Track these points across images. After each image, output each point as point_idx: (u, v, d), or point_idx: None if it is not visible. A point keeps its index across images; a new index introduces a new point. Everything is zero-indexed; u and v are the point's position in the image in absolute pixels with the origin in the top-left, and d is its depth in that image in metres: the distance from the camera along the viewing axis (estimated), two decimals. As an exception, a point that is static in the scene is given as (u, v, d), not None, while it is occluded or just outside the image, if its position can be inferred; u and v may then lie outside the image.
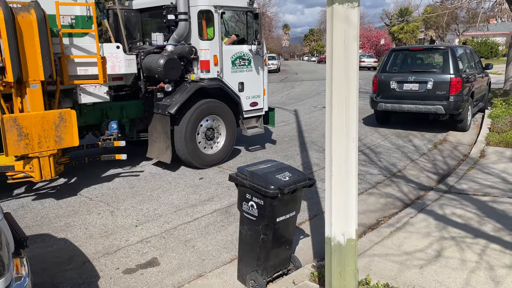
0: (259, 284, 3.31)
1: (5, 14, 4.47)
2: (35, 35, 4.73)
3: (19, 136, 4.69)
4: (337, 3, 2.55)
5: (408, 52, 10.52)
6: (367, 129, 9.84)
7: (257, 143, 8.16)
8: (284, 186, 3.08)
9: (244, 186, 3.27)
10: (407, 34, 43.74)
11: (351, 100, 2.58)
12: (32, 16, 4.70)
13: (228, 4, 6.72)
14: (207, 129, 6.73)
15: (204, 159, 6.71)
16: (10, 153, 4.68)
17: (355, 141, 2.63)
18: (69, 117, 5.07)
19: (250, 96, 7.18)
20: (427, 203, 5.04)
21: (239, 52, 6.97)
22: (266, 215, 3.15)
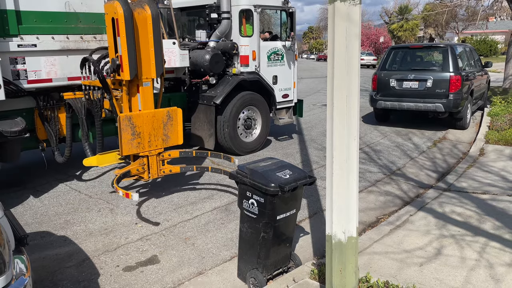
0: (259, 281, 3.31)
1: (125, 11, 4.41)
2: (149, 32, 4.68)
3: (132, 135, 4.62)
4: (338, 1, 2.54)
5: (407, 50, 10.52)
6: (366, 127, 9.84)
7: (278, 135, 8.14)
8: (284, 184, 3.08)
9: (245, 184, 3.27)
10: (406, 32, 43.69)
11: (352, 98, 2.58)
12: (147, 12, 4.64)
13: (266, 3, 7.37)
14: (246, 119, 7.30)
15: (243, 146, 7.28)
16: (124, 151, 4.59)
17: (356, 139, 2.63)
18: (176, 115, 5.01)
19: (282, 89, 7.81)
20: (426, 201, 5.04)
21: (274, 47, 7.58)
22: (267, 213, 3.16)
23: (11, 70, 4.93)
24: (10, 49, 4.87)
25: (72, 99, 5.36)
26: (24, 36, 4.99)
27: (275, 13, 7.90)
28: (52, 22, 5.21)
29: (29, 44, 5.01)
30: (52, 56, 5.25)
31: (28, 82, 5.12)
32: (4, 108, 5.04)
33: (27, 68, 5.07)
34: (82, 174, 6.26)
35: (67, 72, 5.44)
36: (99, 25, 5.61)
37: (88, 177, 6.17)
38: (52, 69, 5.28)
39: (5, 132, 4.74)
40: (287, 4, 7.64)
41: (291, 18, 7.75)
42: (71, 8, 5.35)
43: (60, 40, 5.29)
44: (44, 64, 5.20)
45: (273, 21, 8.39)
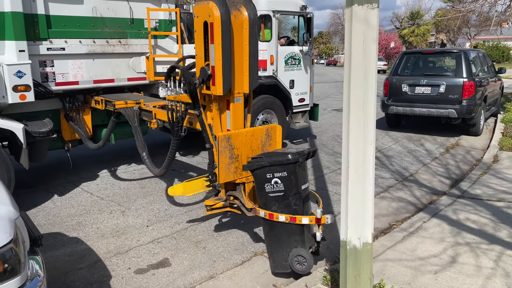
0: (306, 256, 3.33)
1: (222, 14, 3.59)
2: (245, 39, 3.88)
3: (230, 159, 3.80)
4: (356, 4, 2.53)
5: (420, 55, 10.43)
6: (378, 132, 9.75)
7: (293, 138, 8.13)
8: (299, 153, 3.35)
9: (263, 167, 3.37)
10: (417, 37, 43.42)
11: (369, 102, 2.55)
12: (244, 16, 3.83)
13: (284, 9, 7.46)
14: (263, 122, 7.33)
15: None
16: (221, 179, 3.79)
17: (373, 144, 2.60)
18: (275, 134, 4.15)
19: (299, 93, 7.88)
20: (440, 208, 4.97)
21: (291, 52, 7.66)
22: (293, 184, 3.33)
23: (40, 73, 5.08)
24: (40, 52, 5.01)
25: (123, 109, 5.35)
26: (53, 40, 5.14)
27: (293, 18, 7.95)
28: (80, 26, 5.35)
29: (58, 47, 5.15)
30: (79, 59, 5.39)
31: (56, 85, 5.26)
32: (33, 109, 5.21)
33: (55, 71, 5.21)
34: (94, 176, 6.30)
35: (93, 75, 5.57)
36: (124, 29, 5.78)
37: (100, 179, 6.20)
38: (79, 72, 5.42)
39: (34, 133, 4.86)
40: (305, 10, 7.77)
41: (309, 24, 7.84)
42: (98, 13, 5.48)
43: (87, 44, 5.43)
44: (72, 67, 5.33)
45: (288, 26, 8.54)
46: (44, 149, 5.30)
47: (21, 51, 4.71)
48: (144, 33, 5.89)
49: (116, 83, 5.83)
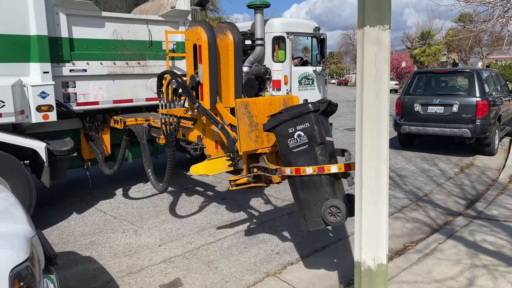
0: (340, 206, 3.22)
1: (209, 38, 4.27)
2: (231, 59, 4.55)
3: (250, 126, 3.90)
4: (368, 26, 2.57)
5: (432, 75, 10.42)
6: (390, 151, 9.63)
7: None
8: (319, 101, 3.44)
9: (284, 121, 3.36)
10: (429, 57, 43.42)
11: (382, 122, 2.56)
12: (229, 39, 4.51)
13: (298, 30, 7.65)
14: None
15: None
16: (243, 147, 3.88)
17: (386, 163, 2.59)
18: (292, 103, 4.21)
19: None
20: (456, 229, 4.88)
21: (305, 72, 7.85)
22: (316, 134, 3.31)
23: (63, 93, 5.24)
24: (63, 74, 5.18)
25: (134, 125, 5.51)
26: (75, 62, 5.30)
27: (306, 39, 8.10)
28: (101, 49, 5.52)
29: (80, 69, 5.31)
30: (99, 80, 5.53)
31: (77, 105, 5.40)
32: (54, 129, 5.37)
33: (77, 92, 5.36)
34: (107, 195, 6.35)
35: (113, 95, 5.71)
36: (143, 51, 5.94)
37: (113, 198, 6.25)
38: (99, 92, 5.56)
39: (55, 151, 4.97)
40: (318, 31, 7.94)
41: (322, 45, 7.99)
42: (119, 36, 5.65)
43: (107, 66, 5.58)
44: (92, 87, 5.48)
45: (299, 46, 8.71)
46: (65, 167, 5.39)
47: (45, 72, 4.87)
48: (162, 54, 6.04)
49: (135, 103, 5.94)
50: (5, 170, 4.66)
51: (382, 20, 2.56)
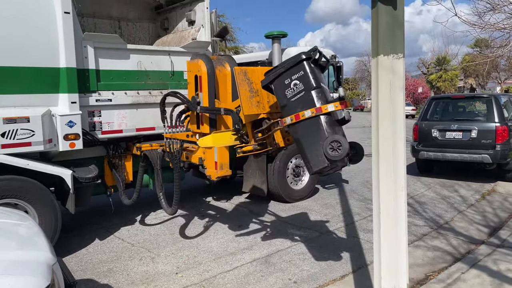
0: (341, 140, 3.27)
1: (208, 69, 4.81)
2: (228, 88, 4.98)
3: (250, 92, 4.21)
4: (382, 54, 2.61)
5: (449, 100, 10.36)
6: (409, 178, 9.55)
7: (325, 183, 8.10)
8: (311, 49, 3.56)
9: (281, 74, 3.57)
10: (445, 82, 43.17)
11: (398, 149, 2.56)
12: (227, 70, 4.98)
13: None
14: (294, 167, 7.41)
15: (292, 193, 7.38)
16: (245, 110, 4.14)
17: (404, 189, 2.58)
18: None
19: None
20: (479, 257, 4.73)
21: None
22: (311, 79, 3.47)
23: (89, 122, 5.42)
24: (89, 104, 5.37)
25: (149, 151, 5.67)
26: (101, 92, 5.50)
27: None
28: (125, 79, 5.73)
29: (106, 99, 5.51)
30: (124, 109, 5.71)
31: (102, 133, 5.57)
32: (80, 156, 5.52)
33: (102, 120, 5.54)
34: (125, 222, 6.41)
35: (136, 124, 5.87)
36: (165, 81, 6.13)
37: (131, 225, 6.29)
38: (123, 121, 5.73)
39: (81, 178, 5.09)
40: (335, 59, 8.03)
41: (338, 72, 8.08)
42: (142, 66, 5.87)
43: (131, 95, 5.78)
44: (117, 116, 5.66)
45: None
46: (89, 194, 5.51)
47: (73, 102, 5.06)
48: (183, 84, 6.17)
49: (157, 131, 6.07)
50: (33, 197, 4.78)
51: (396, 49, 2.61)
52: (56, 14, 4.90)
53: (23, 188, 4.72)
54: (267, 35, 7.71)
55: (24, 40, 4.73)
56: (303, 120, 3.49)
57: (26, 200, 4.74)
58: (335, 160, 3.30)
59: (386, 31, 2.64)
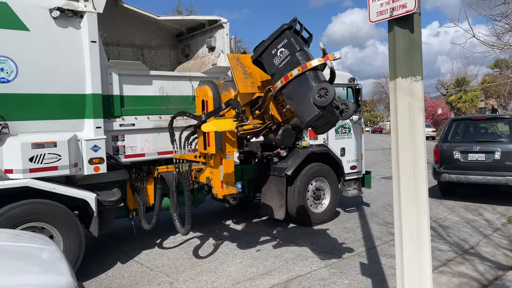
0: (327, 87, 3.60)
1: (214, 94, 5.11)
2: (233, 111, 5.01)
3: (244, 74, 4.61)
4: (400, 77, 2.62)
5: (470, 122, 10.20)
6: (431, 201, 9.32)
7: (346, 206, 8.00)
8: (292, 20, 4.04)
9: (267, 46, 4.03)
10: (466, 103, 42.57)
11: (419, 171, 2.53)
12: (232, 94, 5.20)
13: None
14: (315, 190, 7.42)
15: (313, 217, 7.31)
16: (240, 89, 4.54)
17: (427, 213, 2.52)
18: None
19: (350, 160, 8.06)
20: (507, 284, 4.54)
21: (341, 121, 7.73)
22: (294, 42, 3.92)
23: (112, 146, 5.54)
24: (113, 128, 5.51)
25: (165, 172, 5.79)
26: (125, 117, 5.64)
27: (342, 89, 8.22)
28: (148, 104, 5.88)
29: (129, 123, 5.65)
30: (146, 133, 5.83)
31: (125, 157, 5.68)
32: (104, 180, 5.62)
33: (125, 144, 5.66)
34: (144, 246, 6.42)
35: (158, 147, 5.97)
36: (186, 105, 6.24)
37: (150, 249, 6.30)
38: (145, 145, 5.84)
39: (104, 202, 5.17)
40: (353, 82, 8.10)
41: (357, 94, 8.12)
42: (164, 92, 6.02)
43: (154, 120, 5.90)
44: (140, 140, 5.77)
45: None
46: (112, 217, 5.56)
47: (98, 127, 5.20)
48: None
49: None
50: (59, 220, 4.85)
51: (413, 72, 2.61)
52: (84, 43, 5.11)
53: (51, 212, 4.80)
54: None
55: (53, 68, 4.93)
56: (292, 80, 3.86)
57: (52, 224, 4.81)
58: (324, 105, 3.63)
59: (403, 54, 2.65)
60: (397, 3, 2.71)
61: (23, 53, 4.71)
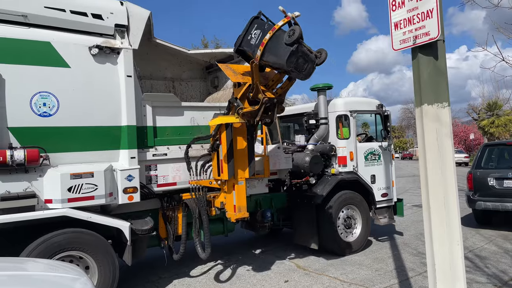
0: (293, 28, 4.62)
1: (226, 125, 5.41)
2: (244, 141, 5.56)
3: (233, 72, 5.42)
4: (426, 104, 2.64)
5: (504, 147, 9.87)
6: (466, 230, 8.98)
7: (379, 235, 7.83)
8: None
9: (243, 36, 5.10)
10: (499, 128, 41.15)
11: (450, 199, 2.50)
12: (243, 125, 5.54)
13: (361, 108, 7.90)
14: (346, 218, 7.35)
15: (344, 246, 7.21)
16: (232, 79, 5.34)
17: (460, 243, 2.47)
18: None
19: (381, 188, 7.95)
20: (554, 320, 4.27)
21: (370, 148, 7.94)
22: (265, 24, 4.95)
23: (146, 176, 5.71)
24: (146, 158, 5.69)
25: (189, 199, 5.94)
26: (158, 147, 5.84)
27: (370, 116, 8.23)
28: (180, 134, 6.09)
29: (161, 153, 5.83)
30: (178, 163, 5.99)
31: (158, 186, 5.83)
32: (137, 209, 5.77)
33: (158, 174, 5.83)
34: (172, 276, 6.45)
35: (189, 176, 6.08)
36: None
37: (177, 279, 6.32)
38: (177, 174, 5.99)
39: (138, 230, 5.29)
40: (381, 108, 8.10)
41: (386, 121, 8.12)
42: (195, 122, 6.24)
43: (200, 149, 6.08)
44: (171, 170, 5.93)
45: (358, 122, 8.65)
46: (145, 246, 5.66)
47: (132, 158, 5.39)
48: None
49: None
50: (96, 249, 4.97)
51: (440, 98, 2.63)
52: (120, 78, 5.40)
53: (90, 241, 4.93)
54: (312, 88, 7.93)
55: (91, 101, 5.21)
56: (267, 44, 4.69)
57: (90, 253, 4.92)
58: (293, 40, 4.48)
59: (428, 81, 2.67)
60: (420, 31, 2.77)
61: (64, 89, 5.01)
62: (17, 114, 4.71)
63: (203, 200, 5.85)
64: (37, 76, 4.84)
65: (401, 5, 2.93)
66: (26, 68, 4.80)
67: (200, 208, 5.82)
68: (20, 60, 4.77)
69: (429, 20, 2.75)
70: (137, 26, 5.56)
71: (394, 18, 2.99)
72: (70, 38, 5.12)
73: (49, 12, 4.99)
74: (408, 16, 2.89)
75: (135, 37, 5.53)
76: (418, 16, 2.82)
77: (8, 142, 4.62)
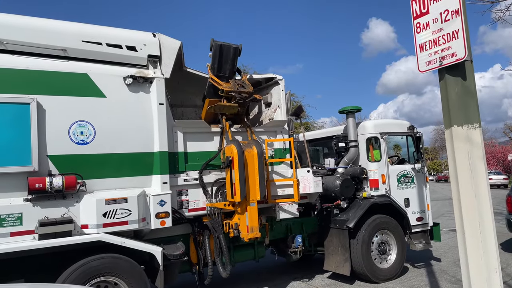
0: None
1: (238, 151, 5.69)
2: (255, 165, 5.79)
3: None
4: (455, 125, 2.60)
5: (545, 168, 9.41)
6: (507, 255, 8.52)
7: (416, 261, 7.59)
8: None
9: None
10: (539, 147, 39.33)
11: (485, 223, 2.42)
12: (254, 151, 5.83)
13: (391, 130, 7.90)
14: (380, 243, 7.18)
15: (379, 273, 7.01)
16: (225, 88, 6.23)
17: (498, 271, 2.37)
18: None
19: (416, 211, 7.74)
20: None
21: (403, 170, 7.78)
22: None
23: (177, 201, 5.80)
24: (178, 183, 5.80)
25: (209, 221, 6.00)
26: (189, 172, 5.95)
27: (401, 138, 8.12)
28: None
29: (192, 178, 5.93)
30: (208, 187, 6.03)
31: (189, 211, 5.91)
32: (169, 234, 5.85)
33: (189, 199, 5.91)
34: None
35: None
36: None
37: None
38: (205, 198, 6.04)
39: (169, 255, 5.33)
40: (412, 130, 7.96)
41: (418, 142, 7.96)
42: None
43: (215, 174, 6.17)
44: (202, 194, 6.01)
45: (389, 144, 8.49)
46: (176, 271, 5.66)
47: (164, 183, 5.50)
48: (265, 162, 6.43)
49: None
50: (128, 275, 4.99)
51: (470, 119, 2.58)
52: (152, 106, 5.59)
53: (125, 266, 4.97)
54: (341, 111, 7.91)
55: (125, 129, 5.39)
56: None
57: (124, 279, 4.95)
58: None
59: (457, 102, 2.64)
60: (447, 52, 2.76)
61: (100, 117, 5.23)
62: (56, 142, 4.92)
63: (218, 221, 5.95)
64: (75, 106, 5.08)
65: (425, 27, 2.94)
66: (65, 98, 5.05)
67: (216, 228, 5.92)
68: (59, 92, 5.03)
69: (455, 41, 2.74)
70: (169, 56, 5.78)
71: (419, 40, 2.99)
72: (106, 69, 5.38)
73: (86, 45, 5.29)
74: (434, 38, 2.89)
75: (167, 67, 5.74)
76: (443, 37, 2.81)
77: (48, 169, 4.82)
